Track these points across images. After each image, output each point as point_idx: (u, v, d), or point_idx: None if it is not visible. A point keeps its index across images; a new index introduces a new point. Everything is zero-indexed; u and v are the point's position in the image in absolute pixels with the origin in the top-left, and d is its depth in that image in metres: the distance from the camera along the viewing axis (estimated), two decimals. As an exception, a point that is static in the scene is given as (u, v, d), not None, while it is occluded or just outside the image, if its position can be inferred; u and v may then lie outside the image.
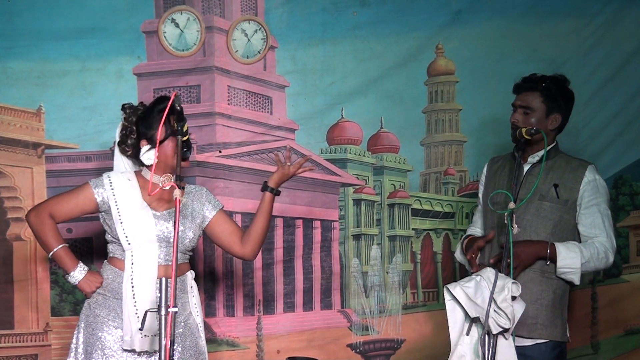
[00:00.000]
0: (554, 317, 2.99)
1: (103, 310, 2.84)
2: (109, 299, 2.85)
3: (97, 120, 3.56)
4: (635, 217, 4.29)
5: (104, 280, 2.87)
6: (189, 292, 2.95)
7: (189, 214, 2.92)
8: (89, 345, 2.84)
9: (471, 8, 3.94)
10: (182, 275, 2.91)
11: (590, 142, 4.14)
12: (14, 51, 3.46)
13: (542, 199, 2.98)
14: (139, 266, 2.80)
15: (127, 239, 2.81)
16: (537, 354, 2.92)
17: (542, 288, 2.96)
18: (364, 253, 3.98)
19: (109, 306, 2.84)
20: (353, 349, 3.95)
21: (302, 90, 3.84)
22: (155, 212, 2.85)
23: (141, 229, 2.81)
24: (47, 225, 2.83)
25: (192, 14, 3.70)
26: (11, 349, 3.51)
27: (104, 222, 2.89)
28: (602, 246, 2.94)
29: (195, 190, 3.00)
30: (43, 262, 3.52)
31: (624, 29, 4.10)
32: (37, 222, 2.84)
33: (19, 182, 3.50)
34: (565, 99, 3.04)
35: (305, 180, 3.84)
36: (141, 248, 2.81)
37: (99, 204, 2.85)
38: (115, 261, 2.88)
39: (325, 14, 3.81)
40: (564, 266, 2.91)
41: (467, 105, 4.06)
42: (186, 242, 2.90)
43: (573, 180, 3.00)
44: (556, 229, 2.99)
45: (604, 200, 3.01)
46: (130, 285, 2.79)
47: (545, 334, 2.97)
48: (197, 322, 2.97)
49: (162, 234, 2.83)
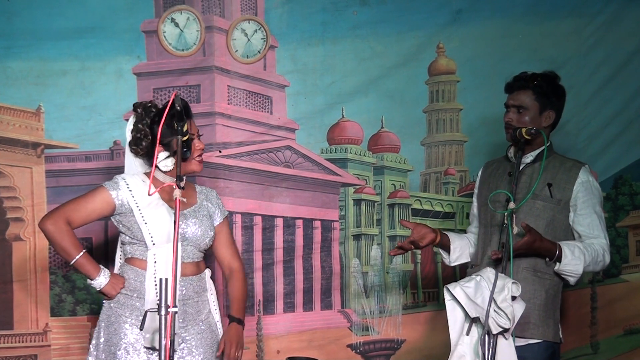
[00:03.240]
0: (546, 317, 2.98)
1: (125, 309, 2.83)
2: (131, 298, 2.84)
3: (97, 120, 3.56)
4: (635, 217, 4.30)
5: (126, 280, 2.85)
6: (208, 290, 2.97)
7: (206, 213, 2.94)
8: (112, 345, 2.83)
9: (472, 7, 3.94)
10: (200, 273, 2.93)
11: (591, 142, 4.14)
12: (13, 51, 3.46)
13: (535, 198, 2.98)
14: (161, 265, 2.80)
15: (152, 238, 2.80)
16: (530, 355, 2.91)
17: (535, 287, 2.95)
18: (364, 253, 3.98)
19: (131, 305, 2.83)
20: (353, 349, 3.95)
21: (302, 90, 3.84)
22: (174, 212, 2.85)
23: (165, 228, 2.80)
24: (66, 232, 2.78)
25: (192, 14, 3.70)
26: (11, 349, 3.51)
27: (120, 224, 2.87)
28: (602, 248, 2.95)
29: (207, 191, 3.01)
30: (43, 262, 3.52)
31: (624, 29, 4.10)
32: (55, 230, 2.78)
33: (18, 182, 3.50)
34: (557, 95, 3.05)
35: (305, 180, 3.84)
36: (164, 247, 2.80)
37: (117, 206, 2.83)
38: (135, 261, 2.87)
39: (325, 13, 3.80)
40: (566, 271, 2.91)
41: (468, 105, 4.06)
42: (207, 241, 2.91)
43: (566, 181, 3.01)
44: (548, 228, 2.99)
45: (598, 201, 3.01)
46: (153, 284, 2.79)
47: (537, 334, 2.96)
48: (215, 320, 2.98)
49: (184, 233, 2.84)
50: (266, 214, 3.77)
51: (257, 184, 3.74)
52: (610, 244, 4.28)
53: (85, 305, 3.58)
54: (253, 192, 3.76)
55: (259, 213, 3.78)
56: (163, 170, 2.84)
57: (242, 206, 3.74)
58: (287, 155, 3.84)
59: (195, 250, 2.89)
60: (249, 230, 3.73)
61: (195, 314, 2.89)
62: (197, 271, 2.91)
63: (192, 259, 2.89)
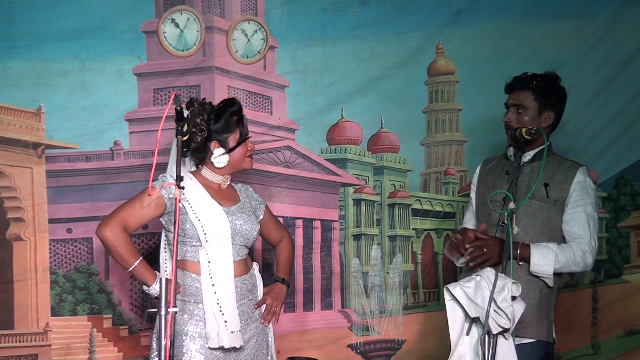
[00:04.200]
0: (540, 317, 2.98)
1: (184, 315, 2.81)
2: (189, 303, 2.82)
3: (97, 120, 3.56)
4: (636, 217, 4.29)
5: (182, 286, 2.83)
6: (258, 285, 2.98)
7: (251, 210, 2.97)
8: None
9: (471, 8, 3.94)
10: (249, 270, 2.94)
11: (592, 142, 4.14)
12: (14, 51, 3.46)
13: (532, 198, 2.97)
14: (216, 263, 2.80)
15: (205, 236, 2.79)
16: (522, 355, 2.90)
17: (529, 287, 2.95)
18: (364, 253, 3.98)
19: (189, 311, 2.82)
20: (353, 349, 3.95)
21: (302, 90, 3.84)
22: (224, 208, 2.87)
23: (218, 226, 2.81)
24: (123, 239, 2.75)
25: (192, 14, 3.70)
26: (11, 349, 3.51)
27: (169, 224, 2.84)
28: (581, 250, 2.93)
29: (244, 188, 3.04)
30: (43, 262, 3.52)
31: (624, 29, 4.10)
32: (113, 238, 2.74)
33: (18, 182, 3.50)
34: (557, 96, 3.05)
35: (305, 180, 3.84)
36: (217, 244, 2.81)
37: (168, 206, 2.81)
38: (186, 264, 2.84)
39: (325, 14, 3.81)
40: (535, 271, 2.92)
41: (468, 105, 4.06)
42: (254, 235, 2.93)
43: (563, 181, 3.00)
44: (544, 228, 2.99)
45: (591, 202, 3.00)
46: (210, 284, 2.78)
47: (530, 333, 2.96)
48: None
49: (235, 229, 2.86)
50: (266, 214, 3.77)
51: (257, 184, 3.74)
52: (612, 244, 4.30)
53: (85, 305, 3.59)
54: (253, 192, 3.76)
55: (259, 213, 3.78)
56: (217, 166, 2.86)
57: (242, 206, 3.75)
58: (287, 156, 3.84)
59: (244, 246, 2.90)
60: (249, 231, 3.73)
61: (250, 312, 2.90)
62: (246, 270, 2.91)
63: (241, 256, 2.89)
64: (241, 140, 2.86)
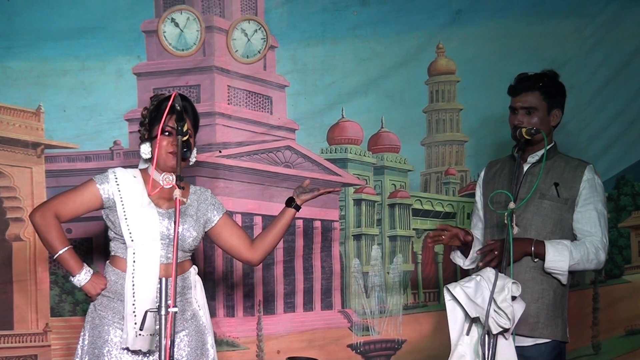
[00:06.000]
0: (555, 316, 2.99)
1: (108, 312, 2.83)
2: (113, 300, 2.83)
3: (97, 120, 3.56)
4: (637, 218, 4.29)
5: (108, 282, 2.85)
6: (193, 289, 2.95)
7: (193, 214, 2.92)
8: (96, 348, 2.83)
9: (472, 7, 3.94)
10: (184, 272, 2.91)
11: (592, 142, 4.14)
12: (13, 51, 3.45)
13: (543, 198, 2.99)
14: (140, 264, 2.79)
15: (130, 235, 2.79)
16: (537, 354, 2.91)
17: (544, 287, 2.96)
18: (364, 253, 3.98)
19: (113, 308, 2.83)
20: (353, 350, 3.95)
21: (302, 90, 3.83)
22: (159, 210, 2.85)
23: (145, 227, 2.80)
24: (53, 226, 2.79)
25: (192, 14, 3.70)
26: (11, 349, 3.50)
27: (107, 219, 2.87)
28: (594, 246, 2.94)
29: (200, 191, 2.99)
30: (43, 262, 3.52)
31: (625, 29, 4.10)
32: (43, 223, 2.79)
33: (18, 182, 3.50)
34: (561, 93, 3.08)
35: (305, 181, 3.83)
36: (144, 246, 2.80)
37: (104, 200, 2.83)
38: (116, 261, 2.86)
39: (325, 13, 3.80)
40: (550, 267, 2.92)
41: (468, 105, 4.06)
42: (189, 241, 2.89)
43: (573, 179, 3.01)
44: (556, 227, 2.99)
45: (601, 199, 3.02)
46: (131, 284, 2.78)
47: (546, 333, 2.97)
48: (200, 317, 2.96)
49: (165, 232, 2.83)
50: (266, 214, 3.76)
51: (257, 184, 3.73)
52: (613, 244, 4.30)
53: (85, 305, 3.57)
54: (253, 192, 3.76)
55: (259, 213, 3.77)
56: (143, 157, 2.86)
57: (242, 206, 3.74)
58: (287, 156, 3.84)
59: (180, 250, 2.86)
60: (249, 231, 3.72)
61: (181, 314, 2.86)
62: (179, 272, 2.86)
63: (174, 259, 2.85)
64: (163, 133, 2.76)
